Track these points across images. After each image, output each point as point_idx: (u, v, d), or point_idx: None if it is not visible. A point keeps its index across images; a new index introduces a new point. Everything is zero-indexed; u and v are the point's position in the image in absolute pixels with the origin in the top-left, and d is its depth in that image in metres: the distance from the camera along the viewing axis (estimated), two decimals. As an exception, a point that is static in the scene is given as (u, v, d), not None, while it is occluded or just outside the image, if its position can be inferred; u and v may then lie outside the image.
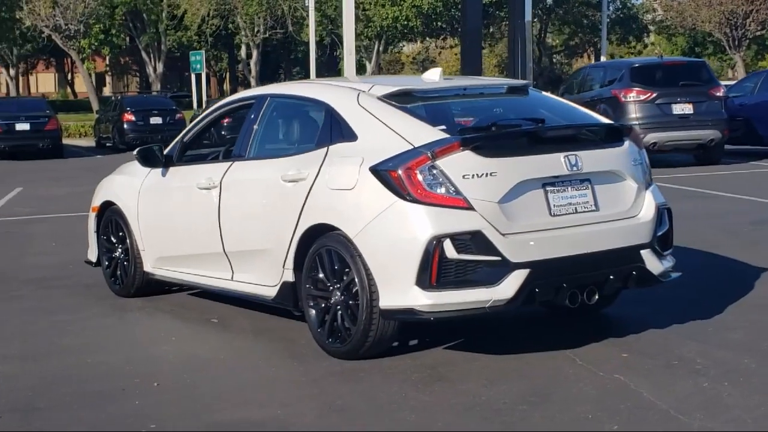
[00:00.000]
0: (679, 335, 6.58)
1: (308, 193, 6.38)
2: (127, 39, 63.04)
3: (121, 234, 8.43)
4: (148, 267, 8.18)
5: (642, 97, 18.35)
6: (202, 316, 7.66)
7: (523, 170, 5.97)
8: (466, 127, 6.35)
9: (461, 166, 5.84)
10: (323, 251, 6.27)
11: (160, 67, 62.53)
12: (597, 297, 6.17)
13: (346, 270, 6.12)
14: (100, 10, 43.11)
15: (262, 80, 57.97)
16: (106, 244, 8.67)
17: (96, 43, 46.25)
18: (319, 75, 57.01)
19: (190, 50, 49.58)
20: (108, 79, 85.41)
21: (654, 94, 18.32)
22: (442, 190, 5.82)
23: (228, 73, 73.00)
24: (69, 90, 78.31)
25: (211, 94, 68.77)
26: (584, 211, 6.20)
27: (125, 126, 30.62)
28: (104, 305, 8.21)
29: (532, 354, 6.22)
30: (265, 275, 6.82)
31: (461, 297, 5.78)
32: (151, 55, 62.72)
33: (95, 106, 44.61)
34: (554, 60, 66.64)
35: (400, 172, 5.86)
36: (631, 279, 6.32)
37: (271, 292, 6.77)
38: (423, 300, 5.78)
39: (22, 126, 28.55)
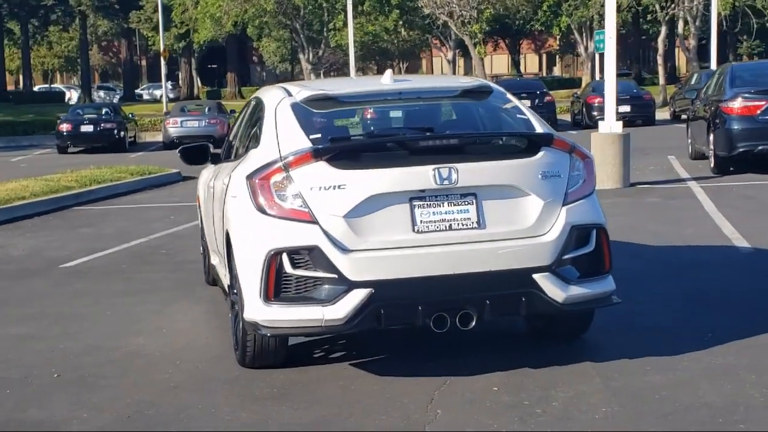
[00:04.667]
0: (595, 371, 5.82)
1: (224, 198, 6.50)
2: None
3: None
4: (211, 258, 8.66)
5: None
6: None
7: (378, 183, 5.60)
8: (337, 137, 6.06)
9: (311, 177, 5.62)
10: (231, 258, 6.36)
11: (590, 47, 62.41)
12: (474, 323, 5.65)
13: None
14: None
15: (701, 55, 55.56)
16: (201, 233, 9.30)
17: (487, 28, 47.32)
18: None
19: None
20: (557, 59, 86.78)
21: None
22: (289, 202, 5.65)
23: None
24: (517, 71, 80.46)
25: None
26: (462, 229, 5.67)
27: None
28: (176, 292, 8.81)
29: (408, 379, 5.84)
30: (226, 276, 7.02)
31: (296, 314, 5.59)
32: (583, 35, 62.84)
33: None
34: None
35: (256, 181, 5.79)
36: (522, 305, 5.68)
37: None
38: (263, 314, 5.67)
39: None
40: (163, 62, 53.81)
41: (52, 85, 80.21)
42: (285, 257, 5.58)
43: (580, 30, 63.51)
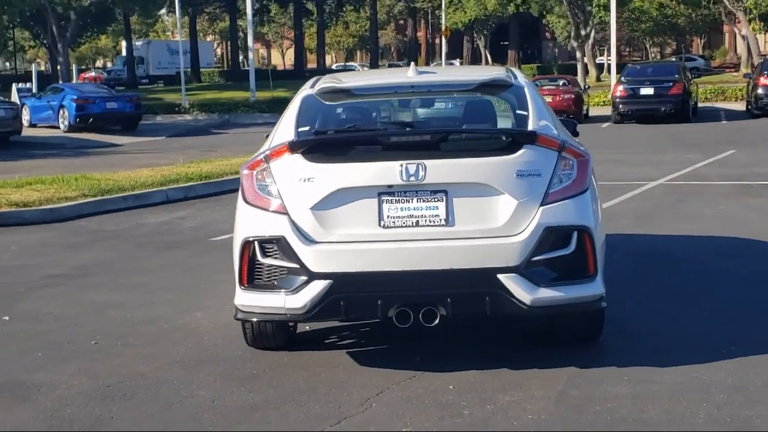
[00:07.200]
0: (567, 377, 5.65)
1: None
2: None
3: None
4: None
5: None
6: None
7: (346, 177, 5.69)
8: (318, 129, 6.16)
9: (286, 169, 5.80)
10: None
11: None
12: (438, 320, 5.63)
13: None
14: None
15: None
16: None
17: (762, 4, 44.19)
18: None
19: None
20: None
21: None
22: (266, 194, 5.85)
23: None
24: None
25: None
26: (429, 225, 5.65)
27: (759, 90, 29.44)
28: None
29: (381, 370, 5.91)
30: None
31: (263, 301, 5.80)
32: None
33: (746, 69, 44.32)
34: None
35: (244, 172, 6.05)
36: (486, 305, 5.59)
37: None
38: (240, 299, 5.92)
39: (647, 90, 29.32)
40: (444, 40, 54.96)
41: (347, 63, 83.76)
42: (257, 246, 5.81)
43: None
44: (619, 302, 7.35)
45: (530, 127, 5.96)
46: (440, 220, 5.64)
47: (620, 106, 29.51)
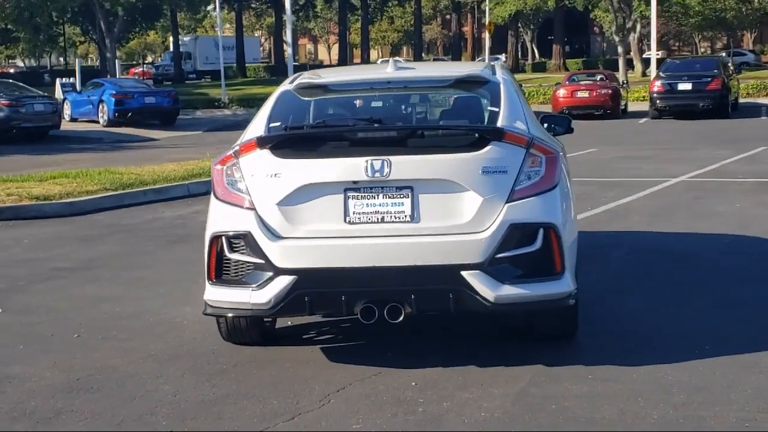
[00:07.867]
0: (531, 375, 5.60)
1: None
2: None
3: None
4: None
5: None
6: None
7: (311, 173, 5.68)
8: (289, 125, 6.14)
9: (254, 165, 5.81)
10: None
11: None
12: (402, 317, 5.61)
13: None
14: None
15: None
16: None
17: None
18: None
19: None
20: None
21: None
22: (235, 189, 5.86)
23: None
24: None
25: None
26: (394, 222, 5.63)
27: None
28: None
29: (349, 366, 5.90)
30: None
31: (230, 296, 5.81)
32: None
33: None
34: None
35: (216, 168, 6.07)
36: (450, 302, 5.56)
37: None
38: (208, 294, 5.95)
39: (684, 86, 28.97)
40: (487, 35, 54.78)
41: (391, 58, 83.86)
42: (224, 241, 5.83)
43: None
44: (618, 300, 7.35)
45: (500, 123, 5.90)
46: (405, 216, 5.61)
47: (658, 101, 29.20)
